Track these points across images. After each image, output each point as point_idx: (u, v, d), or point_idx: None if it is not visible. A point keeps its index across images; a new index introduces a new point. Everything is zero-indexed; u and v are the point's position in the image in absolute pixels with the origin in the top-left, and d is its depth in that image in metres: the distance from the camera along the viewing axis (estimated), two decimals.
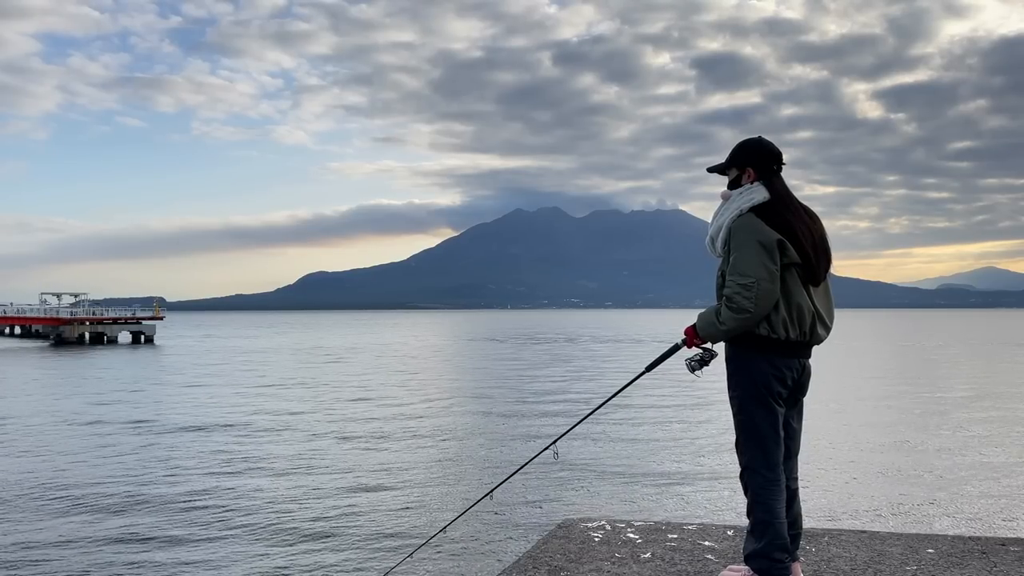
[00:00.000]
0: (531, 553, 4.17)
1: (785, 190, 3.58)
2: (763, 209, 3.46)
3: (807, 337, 3.50)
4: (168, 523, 11.98)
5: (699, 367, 3.56)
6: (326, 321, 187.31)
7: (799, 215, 3.53)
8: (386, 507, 12.88)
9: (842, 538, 4.42)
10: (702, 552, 4.12)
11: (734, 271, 3.40)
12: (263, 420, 22.63)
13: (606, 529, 4.57)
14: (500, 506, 12.63)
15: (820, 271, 3.53)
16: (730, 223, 3.49)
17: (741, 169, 3.61)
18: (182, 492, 13.91)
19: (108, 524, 11.94)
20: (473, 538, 11.08)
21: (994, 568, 3.89)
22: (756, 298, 3.34)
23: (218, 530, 11.64)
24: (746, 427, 3.54)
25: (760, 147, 3.61)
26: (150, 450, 17.93)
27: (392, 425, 21.58)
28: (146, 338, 72.93)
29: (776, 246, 3.38)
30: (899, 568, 3.89)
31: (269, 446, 18.42)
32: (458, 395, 29.35)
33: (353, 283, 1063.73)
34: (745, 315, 3.36)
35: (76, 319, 74.08)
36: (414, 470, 15.73)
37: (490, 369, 42.39)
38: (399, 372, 40.33)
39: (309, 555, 10.50)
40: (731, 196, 3.58)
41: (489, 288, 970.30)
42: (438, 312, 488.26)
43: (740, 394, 3.54)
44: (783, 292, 3.43)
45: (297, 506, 12.95)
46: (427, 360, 50.20)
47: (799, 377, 3.55)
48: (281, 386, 32.83)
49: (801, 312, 3.46)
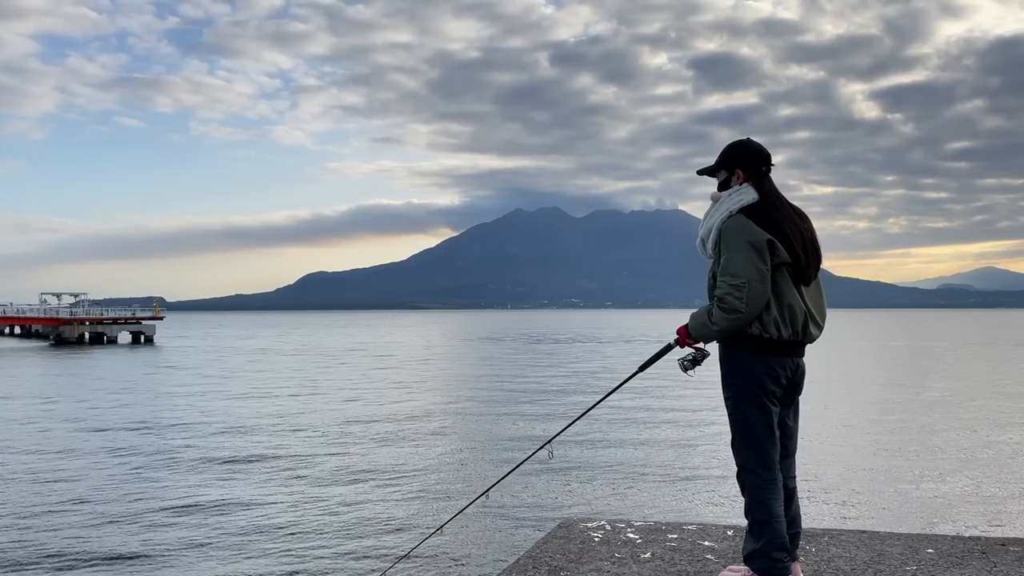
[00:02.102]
0: (531, 553, 4.17)
1: (774, 191, 3.61)
2: (753, 210, 3.49)
3: (800, 336, 3.52)
4: (163, 521, 11.98)
5: (691, 367, 3.60)
6: (326, 321, 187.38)
7: (789, 215, 3.56)
8: (382, 507, 12.88)
9: (842, 538, 4.43)
10: (702, 552, 4.13)
11: (725, 272, 3.43)
12: (261, 420, 22.62)
13: (606, 529, 4.58)
14: (500, 506, 12.63)
15: (811, 270, 3.57)
16: (720, 224, 3.52)
17: (730, 171, 3.64)
18: (179, 491, 13.91)
19: (108, 522, 11.95)
20: (473, 538, 11.09)
21: (994, 568, 3.89)
22: (747, 298, 3.37)
23: (213, 529, 11.64)
24: (742, 427, 3.57)
25: (749, 148, 3.64)
26: (148, 449, 17.93)
27: (389, 425, 21.59)
28: (146, 338, 72.98)
29: (766, 246, 3.41)
30: (899, 568, 3.89)
31: (265, 445, 18.42)
32: (456, 395, 29.35)
33: (353, 283, 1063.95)
34: (737, 315, 3.39)
35: (76, 319, 74.12)
36: (410, 470, 15.73)
37: (489, 369, 42.40)
38: (398, 371, 40.32)
39: (305, 554, 10.50)
40: (721, 198, 3.61)
41: (489, 288, 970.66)
42: (438, 312, 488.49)
43: (735, 394, 3.56)
44: (774, 292, 3.45)
45: (294, 505, 12.95)
46: (427, 360, 50.20)
47: (793, 376, 3.58)
48: (279, 386, 32.82)
49: (793, 312, 3.49)
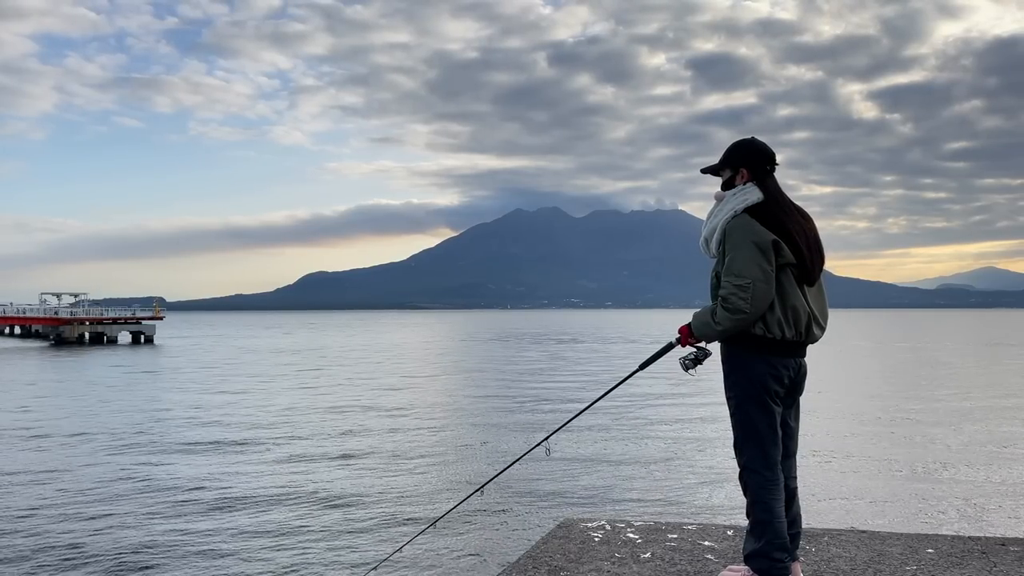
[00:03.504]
0: (531, 553, 4.17)
1: (778, 190, 3.61)
2: (757, 210, 3.49)
3: (803, 336, 3.52)
4: (162, 520, 11.99)
5: (693, 366, 3.60)
6: (327, 321, 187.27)
7: (793, 215, 3.56)
8: (376, 502, 12.86)
9: (842, 538, 4.43)
10: (702, 552, 4.13)
11: (729, 272, 3.42)
12: (259, 420, 22.61)
13: (606, 529, 4.58)
14: (500, 506, 12.63)
15: (815, 271, 3.57)
16: (725, 224, 3.52)
17: (735, 170, 3.64)
18: (179, 491, 13.91)
19: (103, 515, 11.96)
20: (473, 538, 11.08)
21: (994, 568, 3.89)
22: (752, 299, 3.37)
23: (209, 526, 11.64)
24: (744, 427, 3.57)
25: (754, 147, 3.63)
26: (144, 449, 17.93)
27: (387, 421, 21.57)
28: (146, 338, 72.89)
29: (771, 247, 3.41)
30: (899, 568, 3.89)
31: (264, 444, 18.40)
32: (454, 394, 29.33)
33: (353, 283, 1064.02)
34: (741, 315, 3.39)
35: (76, 319, 74.04)
36: (406, 466, 15.71)
37: (488, 368, 42.36)
38: (397, 372, 40.31)
39: (299, 548, 10.50)
40: (725, 197, 3.61)
41: (489, 288, 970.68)
42: (438, 312, 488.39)
43: (737, 394, 3.56)
44: (778, 292, 3.45)
45: (289, 501, 12.94)
46: (426, 360, 50.18)
47: (795, 376, 3.58)
48: (279, 386, 32.81)
49: (796, 312, 3.49)
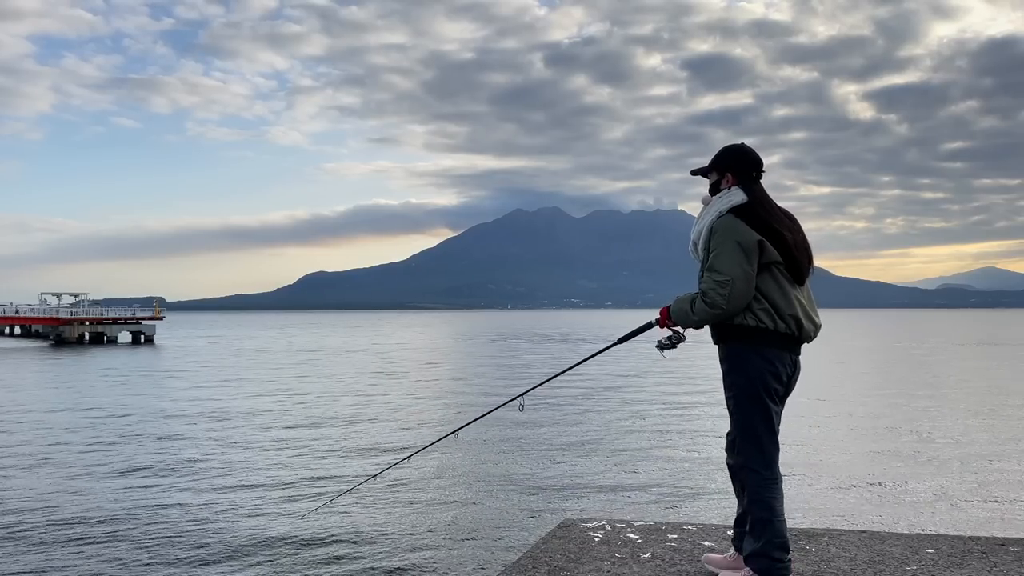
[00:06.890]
0: (531, 553, 4.18)
1: (763, 194, 3.67)
2: (743, 210, 3.54)
3: (795, 331, 3.54)
4: (162, 518, 11.98)
5: (667, 347, 3.66)
6: (327, 321, 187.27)
7: (778, 217, 3.61)
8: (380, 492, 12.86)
9: (842, 538, 4.43)
10: (702, 552, 4.13)
11: (712, 268, 3.48)
12: (257, 418, 22.63)
13: (606, 529, 4.58)
14: (499, 506, 12.64)
15: (804, 271, 3.61)
16: (711, 223, 3.57)
17: (721, 174, 3.70)
18: (177, 489, 13.91)
19: (98, 520, 11.96)
20: (473, 538, 11.08)
21: (994, 568, 3.89)
22: (729, 296, 3.43)
23: (204, 526, 11.64)
24: (743, 426, 3.60)
25: (741, 153, 3.69)
26: (143, 447, 17.94)
27: (385, 413, 21.59)
28: (146, 338, 72.89)
29: (756, 247, 3.46)
30: (899, 568, 3.89)
31: (263, 442, 18.42)
32: (453, 393, 29.35)
33: (353, 283, 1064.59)
34: (717, 311, 3.47)
35: (76, 319, 74.10)
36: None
37: (488, 368, 42.37)
38: (396, 371, 40.32)
39: (297, 548, 10.50)
40: (711, 201, 3.67)
41: (489, 288, 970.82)
42: (438, 312, 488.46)
43: (736, 393, 3.59)
44: (764, 289, 3.50)
45: (290, 498, 12.94)
46: (426, 360, 50.19)
47: (792, 374, 3.63)
48: (279, 386, 32.82)
49: (786, 305, 3.53)
